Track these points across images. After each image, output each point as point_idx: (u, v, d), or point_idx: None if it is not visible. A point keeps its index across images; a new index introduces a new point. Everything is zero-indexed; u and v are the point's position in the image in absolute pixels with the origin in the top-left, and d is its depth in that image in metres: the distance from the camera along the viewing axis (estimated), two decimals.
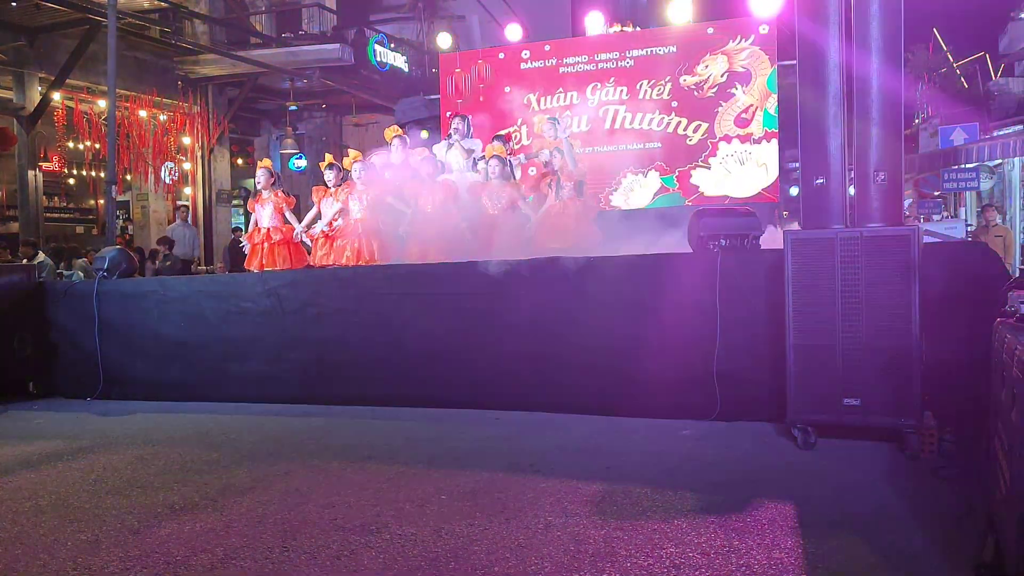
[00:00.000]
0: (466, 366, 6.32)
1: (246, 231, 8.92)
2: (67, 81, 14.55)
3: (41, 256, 11.47)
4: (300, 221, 8.51)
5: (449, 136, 9.36)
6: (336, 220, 8.17)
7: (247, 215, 9.40)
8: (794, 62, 6.01)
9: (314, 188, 8.54)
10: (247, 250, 8.69)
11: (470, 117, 9.69)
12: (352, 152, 8.38)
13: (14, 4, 12.82)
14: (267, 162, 8.81)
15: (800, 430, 4.78)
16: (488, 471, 4.46)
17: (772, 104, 11.10)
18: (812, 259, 4.78)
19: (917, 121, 20.10)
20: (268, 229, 8.49)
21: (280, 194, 8.57)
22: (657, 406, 5.65)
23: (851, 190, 5.14)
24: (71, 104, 15.17)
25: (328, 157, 8.49)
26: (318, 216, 8.46)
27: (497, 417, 5.94)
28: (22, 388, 7.79)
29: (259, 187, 8.69)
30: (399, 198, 8.26)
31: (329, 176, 8.34)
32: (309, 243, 8.52)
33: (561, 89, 11.96)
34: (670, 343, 5.62)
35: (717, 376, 5.50)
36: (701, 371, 5.53)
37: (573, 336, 5.96)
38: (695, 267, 5.64)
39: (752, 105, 11.18)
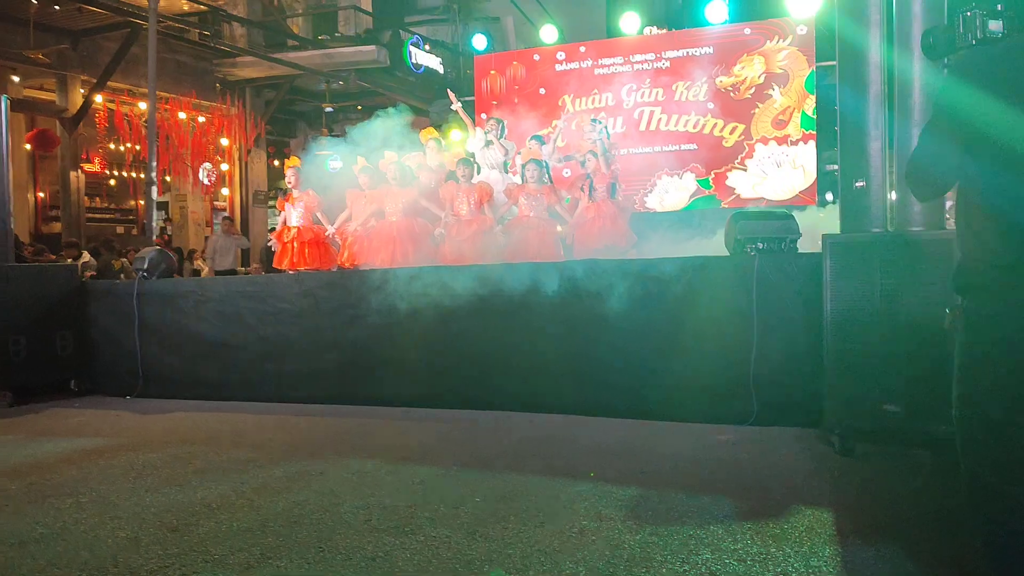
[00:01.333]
0: (501, 368, 6.32)
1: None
2: (108, 83, 14.80)
3: (86, 256, 11.67)
4: (330, 221, 8.60)
5: (487, 132, 9.40)
6: (370, 222, 8.23)
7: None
8: (833, 63, 5.94)
9: (348, 190, 8.61)
10: (276, 248, 8.81)
11: (505, 121, 9.71)
12: (387, 154, 8.44)
13: (57, 8, 13.06)
14: (296, 161, 8.91)
15: (839, 435, 4.72)
16: (522, 474, 4.46)
17: (810, 106, 10.99)
18: (851, 263, 4.72)
19: None
20: (298, 228, 8.58)
21: (311, 194, 8.67)
22: (693, 410, 5.62)
23: (892, 194, 5.07)
24: (112, 106, 15.43)
25: (361, 160, 8.56)
26: (350, 217, 8.54)
27: (531, 420, 5.94)
28: (64, 386, 7.92)
29: (289, 186, 8.79)
30: (434, 200, 8.30)
31: (363, 179, 8.40)
32: (339, 242, 8.60)
33: (596, 90, 11.95)
34: (706, 346, 5.58)
35: (754, 380, 5.45)
36: (737, 375, 5.49)
37: (607, 339, 5.94)
38: (731, 270, 5.60)
39: (790, 107, 11.08)
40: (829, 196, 11.09)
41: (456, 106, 9.80)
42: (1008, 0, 2.29)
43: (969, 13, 2.30)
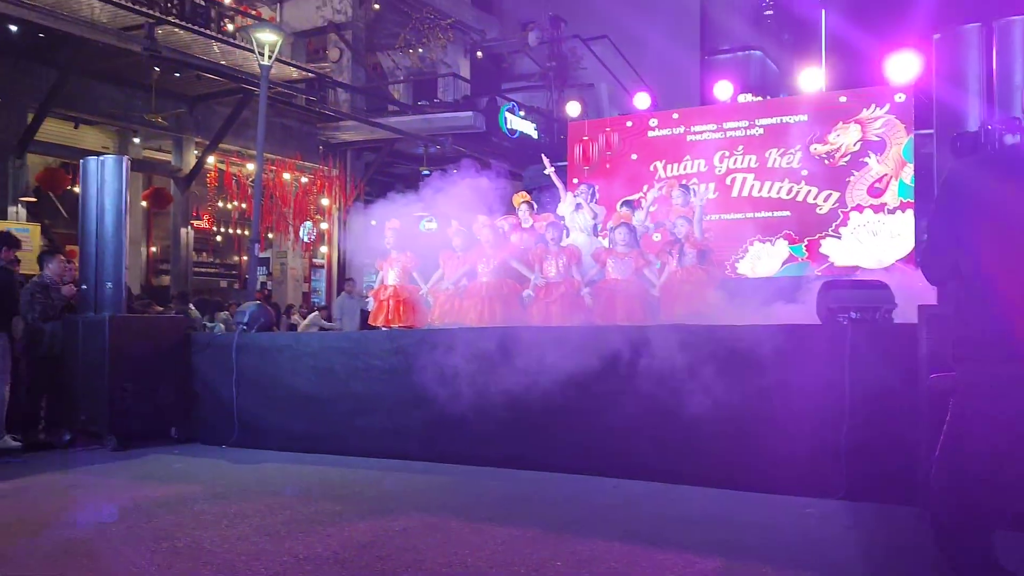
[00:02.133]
0: (585, 431, 6.30)
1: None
2: (220, 145, 15.61)
3: (192, 310, 12.19)
4: (425, 281, 8.81)
5: (576, 195, 9.53)
6: (462, 281, 8.40)
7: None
8: (932, 131, 5.85)
9: (441, 251, 8.83)
10: (371, 307, 9.05)
11: (596, 186, 9.83)
12: (481, 218, 8.64)
13: (177, 75, 13.91)
14: (395, 222, 9.18)
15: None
16: (604, 539, 4.42)
17: (908, 174, 10.77)
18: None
19: None
20: (394, 287, 8.82)
21: (408, 254, 8.92)
22: (779, 481, 5.48)
23: None
24: (222, 166, 16.24)
25: (455, 223, 8.78)
26: (442, 277, 8.74)
27: (615, 484, 5.89)
28: (165, 433, 8.23)
29: (387, 246, 9.06)
30: (523, 262, 8.43)
31: (457, 242, 8.61)
32: (431, 302, 8.79)
33: (688, 156, 11.99)
34: (796, 416, 5.46)
35: (845, 453, 5.30)
36: (828, 447, 5.34)
37: (693, 406, 5.87)
38: (824, 339, 5.50)
39: (887, 174, 10.89)
40: None
41: (549, 170, 9.98)
42: None
43: (990, 127, 2.84)
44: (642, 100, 13.39)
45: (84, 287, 8.11)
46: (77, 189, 9.64)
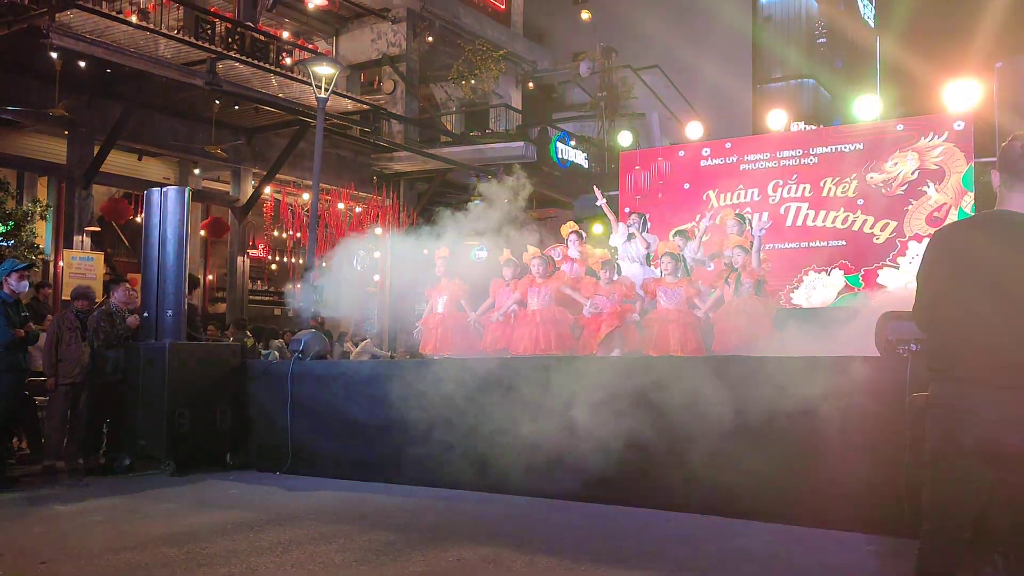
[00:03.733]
0: (641, 463, 6.24)
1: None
2: (276, 175, 15.93)
3: (249, 338, 12.40)
4: (474, 309, 8.85)
5: (629, 225, 9.51)
6: (512, 308, 8.43)
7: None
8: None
9: (493, 279, 8.87)
10: (419, 335, 9.10)
11: (647, 215, 9.79)
12: (531, 248, 8.67)
13: (236, 108, 14.28)
14: (445, 251, 9.25)
15: (1002, 555, 4.39)
16: (658, 573, 4.37)
17: (968, 203, 10.56)
18: None
19: None
20: (443, 315, 8.87)
21: (457, 282, 8.98)
22: (838, 517, 5.35)
23: None
24: (279, 196, 16.56)
25: (506, 252, 8.82)
26: (492, 305, 8.76)
27: (669, 518, 5.82)
28: (221, 459, 8.35)
29: (438, 275, 9.13)
30: (576, 290, 8.43)
31: (507, 271, 8.65)
32: (480, 329, 8.82)
33: (741, 186, 11.90)
34: (854, 451, 5.35)
35: (907, 489, 5.16)
36: (888, 482, 5.21)
37: (748, 439, 5.78)
38: (883, 371, 5.38)
39: (946, 203, 10.69)
40: None
41: (601, 201, 9.99)
42: None
43: None
44: (694, 129, 13.33)
45: (146, 315, 8.31)
46: (139, 219, 9.93)
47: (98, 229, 14.41)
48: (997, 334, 2.80)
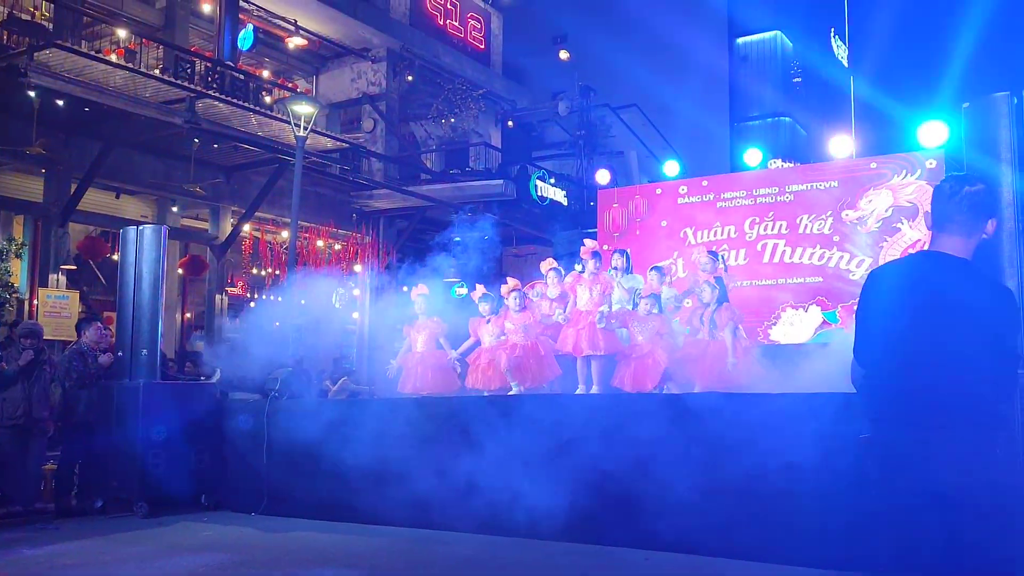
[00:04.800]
0: (620, 502, 6.20)
1: None
2: (256, 213, 15.89)
3: (218, 374, 12.26)
4: (453, 347, 8.83)
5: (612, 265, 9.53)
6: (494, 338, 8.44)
7: None
8: None
9: (471, 319, 8.86)
10: (391, 373, 9.05)
11: (629, 251, 9.82)
12: (510, 280, 8.69)
13: (216, 146, 14.27)
14: (423, 288, 9.24)
15: None
16: None
17: None
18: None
19: None
20: (422, 354, 8.84)
21: (436, 320, 8.96)
22: (828, 555, 5.32)
23: None
24: (257, 234, 16.51)
25: (480, 288, 8.84)
26: (475, 343, 8.74)
27: (646, 557, 5.78)
28: (195, 500, 8.23)
29: (416, 312, 9.11)
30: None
31: (484, 306, 8.65)
32: (456, 367, 8.81)
33: (719, 223, 11.98)
34: (839, 488, 5.33)
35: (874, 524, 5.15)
36: (858, 521, 5.20)
37: (732, 478, 5.77)
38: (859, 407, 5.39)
39: (920, 240, 10.79)
40: None
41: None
42: None
43: None
44: (671, 167, 13.43)
45: (120, 354, 8.23)
46: (116, 257, 9.86)
47: (74, 267, 14.28)
48: (928, 374, 2.82)
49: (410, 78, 19.48)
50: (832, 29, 32.82)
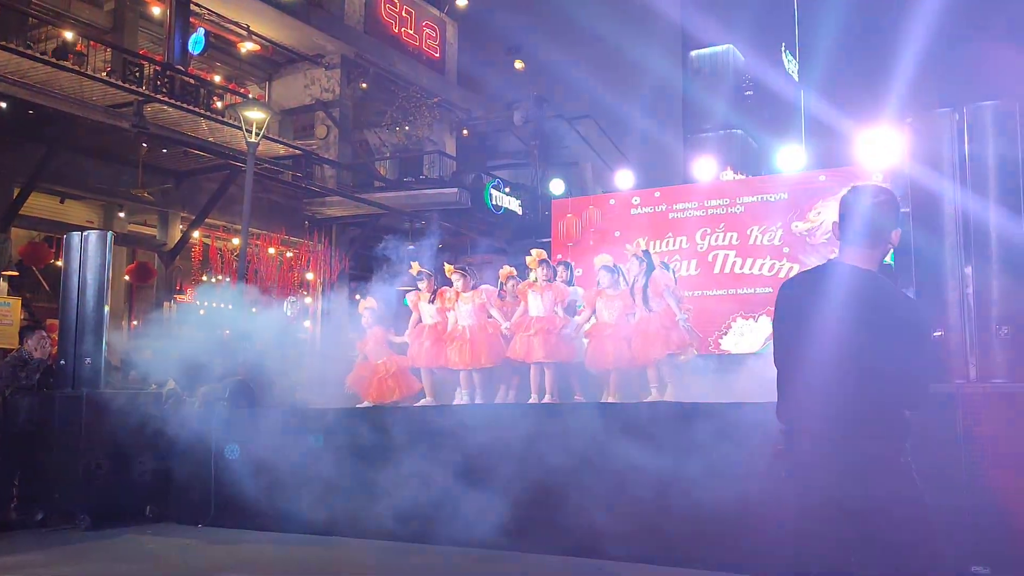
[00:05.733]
0: (573, 512, 6.19)
1: None
2: (206, 220, 15.65)
3: (171, 384, 12.02)
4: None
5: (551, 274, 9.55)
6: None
7: None
8: (907, 210, 5.94)
9: (409, 294, 8.95)
10: (350, 390, 9.00)
11: (573, 264, 9.78)
12: (447, 265, 8.84)
13: (165, 151, 14.03)
14: (371, 302, 9.22)
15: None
16: None
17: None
18: (932, 414, 4.58)
19: None
20: (374, 364, 8.83)
21: (381, 330, 8.97)
22: (785, 563, 5.35)
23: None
24: (208, 241, 16.26)
25: (415, 265, 8.97)
26: (419, 319, 8.80)
27: (600, 567, 5.78)
28: (140, 512, 8.05)
29: (364, 325, 9.08)
30: (499, 311, 8.51)
31: (423, 283, 8.78)
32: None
33: (671, 234, 12.09)
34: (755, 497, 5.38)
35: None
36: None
37: (678, 489, 5.79)
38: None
39: None
40: None
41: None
42: None
43: None
44: (625, 178, 13.52)
45: (63, 362, 8.03)
46: (60, 263, 9.63)
47: (16, 274, 13.92)
48: (833, 385, 2.80)
49: (364, 85, 19.36)
50: (783, 44, 33.39)
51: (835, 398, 2.79)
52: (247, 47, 18.09)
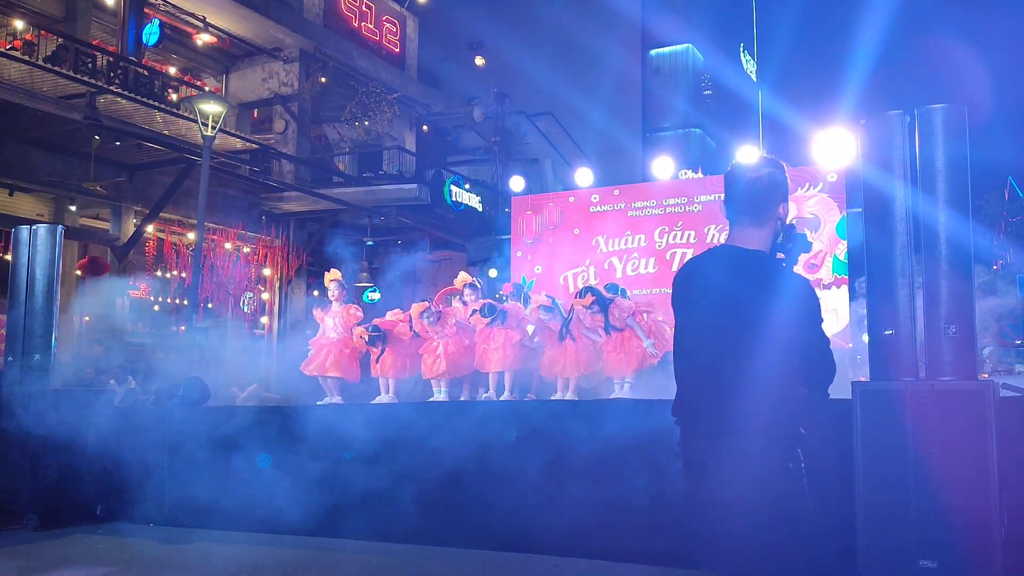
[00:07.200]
0: (526, 509, 6.20)
1: None
2: (161, 214, 15.39)
3: (131, 383, 11.82)
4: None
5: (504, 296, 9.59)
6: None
7: None
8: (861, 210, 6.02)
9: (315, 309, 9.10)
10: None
11: (481, 286, 9.52)
12: (333, 271, 9.00)
13: (118, 143, 13.77)
14: (336, 273, 9.13)
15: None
16: None
17: (842, 250, 11.07)
18: (882, 412, 4.66)
19: (995, 268, 19.73)
20: (331, 339, 8.79)
21: (351, 309, 8.92)
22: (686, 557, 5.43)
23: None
24: (162, 236, 16.00)
25: (335, 272, 9.06)
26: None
27: (556, 563, 5.79)
28: (90, 511, 7.89)
29: (331, 298, 9.01)
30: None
31: (333, 291, 8.93)
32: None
33: (629, 232, 12.17)
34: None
35: None
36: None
37: (630, 481, 5.84)
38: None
39: (821, 251, 11.17)
40: (865, 339, 10.95)
41: None
42: None
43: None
44: (584, 176, 13.57)
45: (11, 359, 7.84)
46: (8, 257, 9.40)
47: None
48: (718, 379, 2.68)
49: (323, 80, 19.19)
50: (742, 44, 33.73)
51: (720, 394, 2.66)
52: (203, 39, 17.82)
